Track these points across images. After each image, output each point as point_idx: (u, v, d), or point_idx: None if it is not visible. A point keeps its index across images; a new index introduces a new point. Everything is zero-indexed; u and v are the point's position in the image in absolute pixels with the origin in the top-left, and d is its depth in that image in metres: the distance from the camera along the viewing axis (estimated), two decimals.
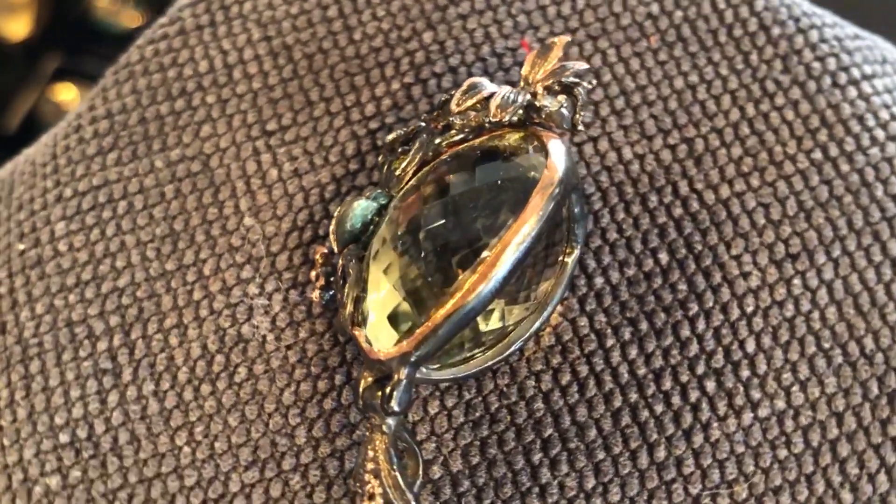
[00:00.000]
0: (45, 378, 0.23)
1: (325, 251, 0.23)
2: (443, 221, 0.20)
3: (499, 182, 0.20)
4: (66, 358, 0.23)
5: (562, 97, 0.22)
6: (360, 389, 0.20)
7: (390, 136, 0.23)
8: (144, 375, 0.23)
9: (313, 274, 0.23)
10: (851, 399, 0.22)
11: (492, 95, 0.21)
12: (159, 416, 0.23)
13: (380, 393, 0.20)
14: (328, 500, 0.22)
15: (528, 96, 0.21)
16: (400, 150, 0.22)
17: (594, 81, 0.23)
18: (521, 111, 0.21)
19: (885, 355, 0.23)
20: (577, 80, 0.22)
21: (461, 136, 0.22)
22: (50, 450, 0.23)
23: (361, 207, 0.22)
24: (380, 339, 0.20)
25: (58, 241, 0.25)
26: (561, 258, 0.22)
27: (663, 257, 0.24)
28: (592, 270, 0.23)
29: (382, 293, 0.21)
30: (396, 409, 0.20)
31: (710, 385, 0.22)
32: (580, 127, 0.22)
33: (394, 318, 0.20)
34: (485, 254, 0.19)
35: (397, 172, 0.22)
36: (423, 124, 0.22)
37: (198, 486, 0.22)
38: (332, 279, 0.23)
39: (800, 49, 0.26)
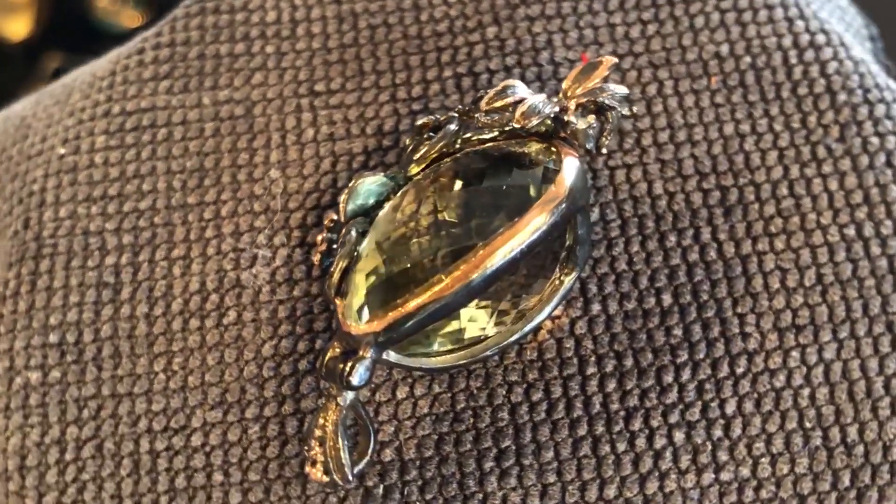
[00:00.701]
0: (51, 278, 0.24)
1: (336, 218, 0.23)
2: (441, 214, 0.20)
3: (504, 187, 0.20)
4: (74, 264, 0.24)
5: (591, 117, 0.21)
6: (326, 358, 0.21)
7: (421, 121, 0.23)
8: (141, 297, 0.24)
9: (319, 238, 0.23)
10: (819, 485, 0.22)
11: (521, 101, 0.21)
12: (145, 338, 0.24)
13: (342, 365, 0.20)
14: (279, 457, 0.22)
15: (557, 109, 0.21)
16: (426, 135, 0.23)
17: (634, 109, 0.22)
18: (549, 122, 0.21)
19: (867, 449, 0.22)
20: (613, 103, 0.22)
21: (489, 134, 0.22)
22: (38, 346, 0.24)
23: (378, 184, 0.22)
24: (356, 313, 0.21)
25: (95, 153, 0.26)
26: (558, 275, 0.22)
27: (666, 299, 0.23)
28: (592, 296, 0.23)
29: (369, 270, 0.21)
30: (354, 383, 0.20)
31: (679, 436, 0.22)
32: (604, 150, 0.22)
33: (373, 297, 0.20)
34: (470, 254, 0.19)
35: (415, 157, 0.22)
36: (455, 115, 0.22)
37: (163, 413, 0.23)
38: (335, 246, 0.23)
39: (862, 121, 0.25)
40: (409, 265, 0.20)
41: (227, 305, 0.24)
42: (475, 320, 0.22)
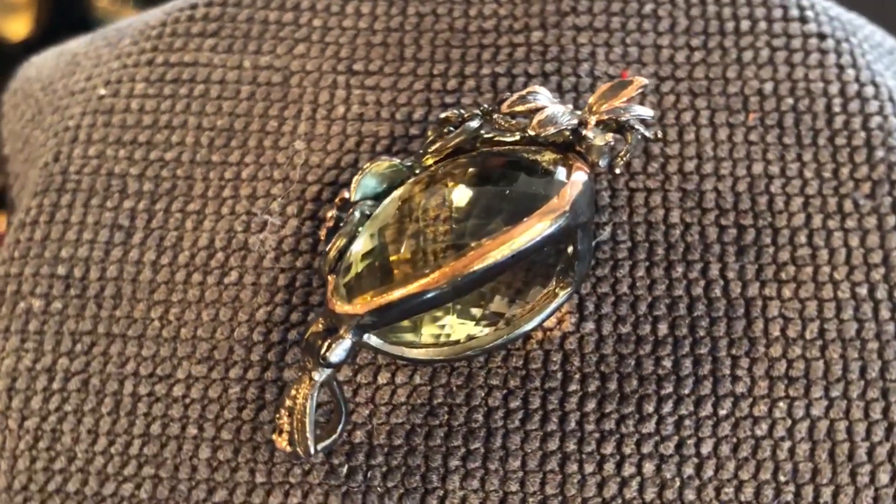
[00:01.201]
0: (69, 212, 0.25)
1: (346, 197, 0.24)
2: (444, 209, 0.20)
3: (508, 192, 0.20)
4: (93, 202, 0.25)
5: (610, 135, 0.21)
6: (308, 332, 0.21)
7: (444, 114, 0.23)
8: (151, 245, 0.25)
9: (329, 214, 0.24)
10: None
11: (541, 109, 0.21)
12: (147, 285, 0.24)
13: (321, 342, 0.20)
14: (254, 420, 0.23)
15: (575, 122, 0.21)
16: (446, 129, 0.23)
17: (659, 133, 0.22)
18: (567, 134, 0.21)
19: None
20: (636, 125, 0.21)
21: (510, 137, 0.22)
22: (46, 276, 0.24)
23: (392, 170, 0.22)
24: (344, 293, 0.21)
25: (132, 99, 0.26)
26: (553, 287, 0.22)
27: (662, 328, 0.23)
28: (588, 314, 0.23)
29: (365, 252, 0.21)
30: (331, 361, 0.20)
31: (649, 467, 0.22)
32: (618, 170, 0.21)
33: (363, 279, 0.21)
34: (462, 252, 0.19)
35: (431, 149, 0.22)
36: (478, 113, 0.22)
37: (151, 359, 0.23)
38: (341, 225, 0.23)
39: None
40: (403, 254, 0.20)
41: (230, 266, 0.24)
42: (465, 318, 0.22)
